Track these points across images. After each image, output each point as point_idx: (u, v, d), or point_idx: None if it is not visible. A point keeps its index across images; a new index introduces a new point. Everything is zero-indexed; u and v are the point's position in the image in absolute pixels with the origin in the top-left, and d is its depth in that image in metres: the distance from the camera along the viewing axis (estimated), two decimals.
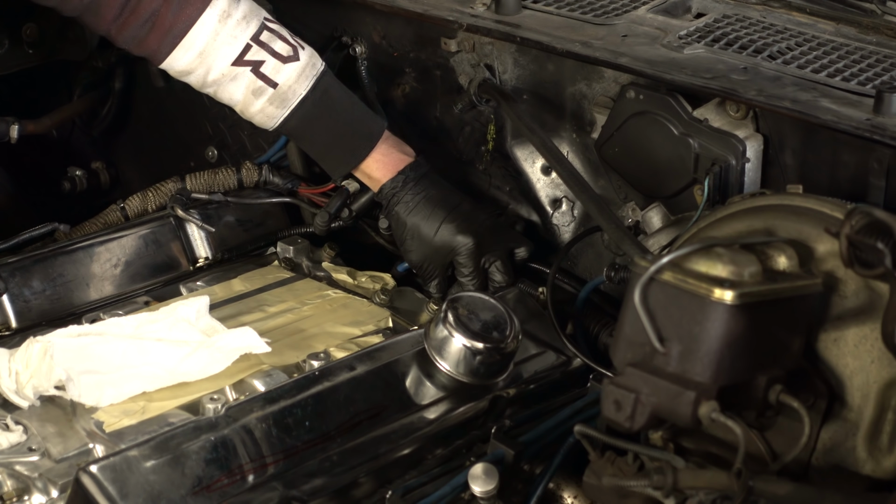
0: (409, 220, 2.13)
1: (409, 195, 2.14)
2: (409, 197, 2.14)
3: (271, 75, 2.07)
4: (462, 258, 2.11)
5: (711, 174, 1.84)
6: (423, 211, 2.13)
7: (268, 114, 2.11)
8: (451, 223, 2.11)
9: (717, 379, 1.37)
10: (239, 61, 2.06)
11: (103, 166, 2.91)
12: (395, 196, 2.14)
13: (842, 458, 1.49)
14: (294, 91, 2.08)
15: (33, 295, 2.08)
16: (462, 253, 2.11)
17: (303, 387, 1.76)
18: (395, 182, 2.14)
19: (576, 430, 1.51)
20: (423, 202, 2.13)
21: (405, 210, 2.13)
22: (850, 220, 1.38)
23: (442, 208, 2.13)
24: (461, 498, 1.65)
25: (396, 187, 2.14)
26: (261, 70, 2.06)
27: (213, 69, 2.07)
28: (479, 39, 2.19)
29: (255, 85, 2.08)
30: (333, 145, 2.15)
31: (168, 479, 1.59)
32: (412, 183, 2.14)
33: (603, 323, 2.04)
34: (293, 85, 2.08)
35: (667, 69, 1.88)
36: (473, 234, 2.11)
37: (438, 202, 2.13)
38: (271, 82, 2.07)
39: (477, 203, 2.20)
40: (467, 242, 2.10)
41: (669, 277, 1.38)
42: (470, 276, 2.11)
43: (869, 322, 1.48)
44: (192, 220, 2.25)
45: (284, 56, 2.07)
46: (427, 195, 2.13)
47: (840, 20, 2.11)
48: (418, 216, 2.13)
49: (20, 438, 1.75)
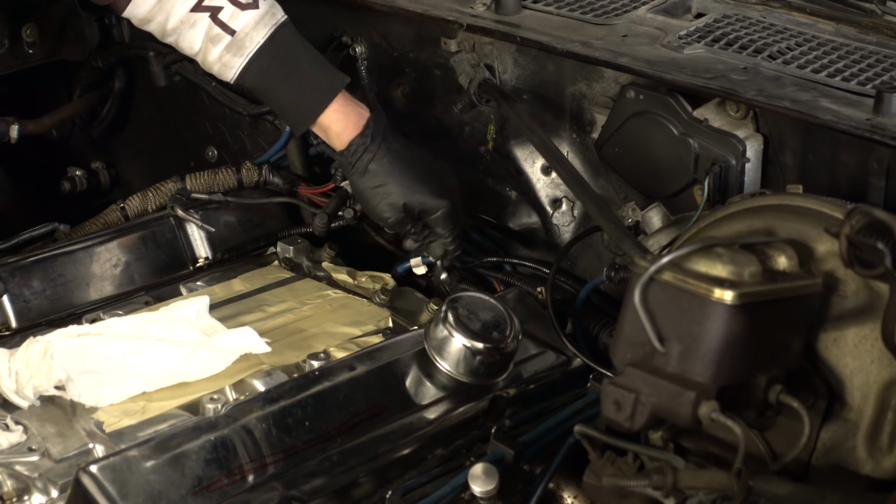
0: (382, 179, 2.07)
1: (382, 151, 2.07)
2: (381, 153, 2.07)
3: (229, 22, 2.02)
4: (439, 220, 2.10)
5: (711, 174, 1.84)
6: (395, 169, 2.08)
7: (225, 62, 2.06)
8: (424, 183, 2.09)
9: (717, 379, 1.37)
10: (197, 7, 2.03)
11: (103, 166, 2.91)
12: (366, 152, 2.07)
13: (842, 458, 1.49)
14: (251, 38, 2.03)
15: (33, 295, 2.08)
16: (439, 216, 2.09)
17: (303, 387, 1.76)
18: (364, 137, 2.07)
19: (576, 430, 1.51)
20: (394, 160, 2.08)
21: (379, 166, 2.07)
22: (850, 220, 1.38)
23: (414, 166, 2.09)
24: (461, 498, 1.65)
25: (366, 143, 2.07)
26: (218, 17, 2.02)
27: (173, 15, 2.05)
28: (479, 39, 2.19)
29: (213, 32, 2.03)
30: (294, 97, 2.09)
31: (168, 479, 1.59)
32: (379, 138, 2.08)
33: (603, 323, 2.04)
34: (251, 32, 2.03)
35: (667, 69, 1.88)
36: (448, 195, 2.10)
37: (409, 160, 2.09)
38: (229, 29, 2.03)
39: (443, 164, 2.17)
40: (443, 205, 2.09)
41: (669, 277, 1.38)
42: (448, 238, 2.12)
43: (869, 322, 1.48)
44: (192, 220, 2.25)
45: (243, 3, 2.03)
46: (397, 152, 2.08)
47: (840, 20, 2.11)
48: (392, 174, 2.07)
49: (20, 438, 1.75)
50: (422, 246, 2.17)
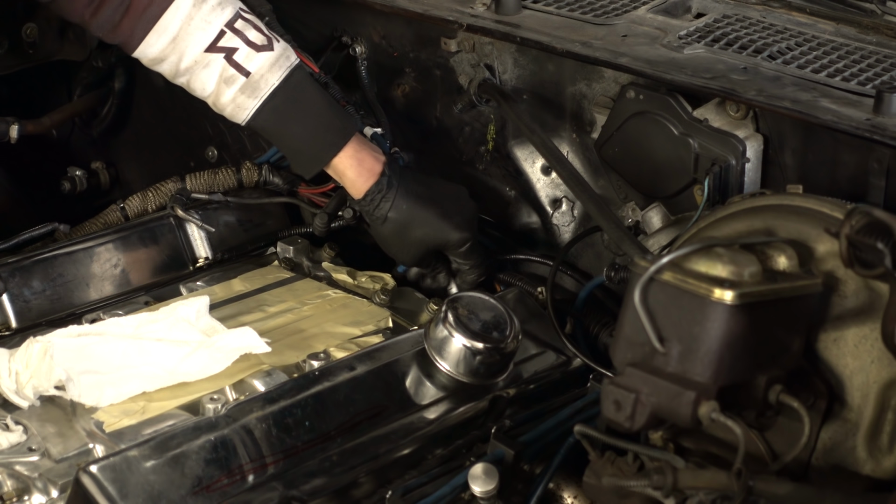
0: (403, 223, 2.09)
1: (399, 198, 2.08)
2: (399, 199, 2.08)
3: (244, 63, 2.02)
4: (465, 254, 2.11)
5: (711, 174, 1.84)
6: (415, 213, 2.08)
7: (239, 104, 2.05)
8: (445, 220, 2.09)
9: (717, 379, 1.37)
10: (212, 48, 2.03)
11: (103, 166, 2.91)
12: (384, 200, 2.08)
13: (842, 458, 1.49)
14: (266, 80, 2.03)
15: (33, 295, 2.08)
16: (462, 249, 2.11)
17: (303, 387, 1.76)
18: (380, 184, 2.08)
19: (576, 430, 1.51)
20: (413, 204, 2.08)
21: (397, 213, 2.08)
22: (850, 220, 1.38)
23: (432, 205, 2.09)
24: (461, 498, 1.65)
25: (382, 190, 2.08)
26: (234, 58, 2.02)
27: (186, 55, 2.04)
28: (479, 39, 2.19)
29: (228, 73, 2.03)
30: (305, 141, 2.08)
31: (168, 479, 1.59)
32: (395, 184, 2.08)
33: (603, 323, 2.04)
34: (266, 74, 2.03)
35: (667, 69, 1.88)
36: (468, 228, 2.10)
37: (428, 199, 2.09)
38: (244, 70, 2.03)
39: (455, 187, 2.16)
40: (466, 238, 2.10)
41: (669, 277, 1.38)
42: (472, 268, 2.13)
43: (869, 322, 1.48)
44: (192, 220, 2.25)
45: (258, 45, 2.03)
46: (415, 195, 2.08)
47: (840, 20, 2.11)
48: (411, 218, 2.08)
49: (20, 438, 1.75)
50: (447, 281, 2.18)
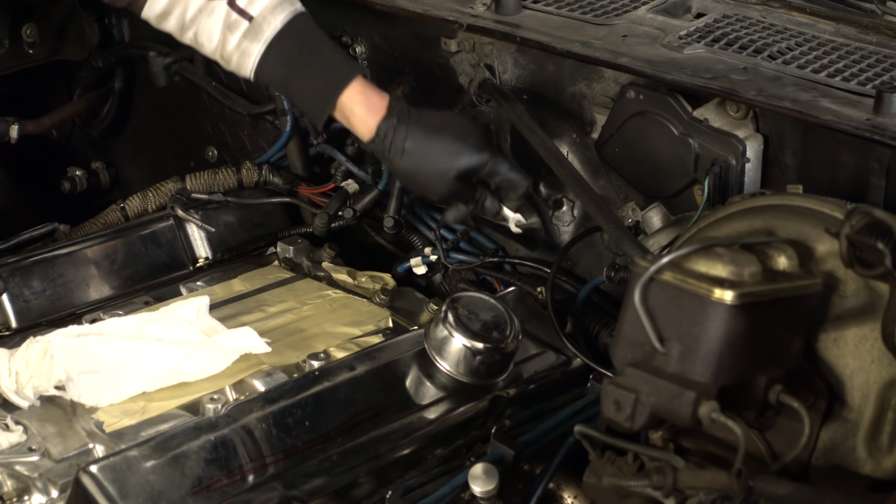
0: (423, 154, 1.99)
1: (413, 127, 1.99)
2: (413, 130, 1.99)
3: (246, 7, 2.01)
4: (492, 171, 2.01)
5: (711, 174, 1.84)
6: (432, 140, 1.99)
7: (244, 49, 2.01)
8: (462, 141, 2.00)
9: (717, 379, 1.37)
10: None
11: (103, 166, 2.92)
12: (397, 133, 1.99)
13: (842, 458, 1.49)
14: (269, 22, 2.01)
15: (33, 295, 2.08)
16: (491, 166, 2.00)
17: (303, 387, 1.76)
18: (391, 119, 1.98)
19: (576, 430, 1.51)
20: (428, 132, 1.99)
21: (414, 144, 1.98)
22: (850, 220, 1.38)
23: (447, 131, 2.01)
24: (461, 498, 1.65)
25: (394, 123, 1.98)
26: (236, 3, 2.01)
27: (191, 5, 2.03)
28: (479, 39, 2.19)
29: (231, 18, 2.01)
30: (314, 82, 2.04)
31: (168, 479, 1.59)
32: (405, 115, 2.01)
33: (603, 323, 2.04)
34: (268, 16, 2.01)
35: (667, 69, 1.88)
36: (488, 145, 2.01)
37: (441, 126, 2.01)
38: (246, 14, 2.00)
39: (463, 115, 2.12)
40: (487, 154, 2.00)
41: (669, 277, 1.38)
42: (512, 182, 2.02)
43: (869, 322, 1.48)
44: (192, 220, 2.25)
45: None
46: (428, 123, 2.00)
47: (840, 20, 2.11)
48: (430, 147, 2.00)
49: (20, 438, 1.75)
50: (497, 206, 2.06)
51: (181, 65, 2.55)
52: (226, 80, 2.63)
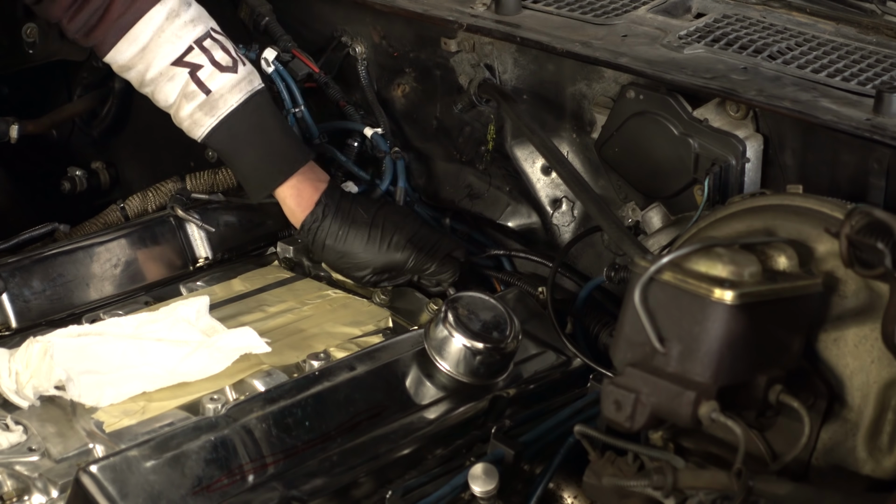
0: (342, 251, 2.11)
1: (335, 225, 2.11)
2: (334, 227, 2.11)
3: (206, 81, 2.07)
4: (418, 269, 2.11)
5: (711, 174, 1.84)
6: (352, 239, 2.10)
7: (196, 120, 2.09)
8: (383, 242, 2.10)
9: (717, 379, 1.37)
10: (178, 62, 2.08)
11: (103, 166, 2.91)
12: (319, 229, 2.11)
13: (842, 458, 1.49)
14: (225, 100, 2.08)
15: (33, 295, 2.08)
16: (411, 267, 2.11)
17: (303, 387, 1.76)
18: (315, 214, 2.11)
19: (576, 430, 1.51)
20: (350, 230, 2.11)
21: (335, 241, 2.11)
22: (850, 220, 1.38)
23: (371, 229, 2.10)
24: (461, 498, 1.65)
25: (318, 219, 2.11)
26: (197, 74, 2.08)
27: (153, 66, 2.09)
28: (479, 39, 2.19)
29: (189, 88, 2.08)
30: (255, 167, 2.13)
31: (168, 479, 1.59)
32: (332, 212, 2.11)
33: (603, 323, 2.04)
34: (226, 95, 2.08)
35: (667, 69, 1.88)
36: (411, 245, 2.10)
37: (364, 223, 2.11)
38: (205, 88, 2.07)
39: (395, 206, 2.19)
40: (406, 257, 2.09)
41: (669, 277, 1.38)
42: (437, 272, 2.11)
43: (869, 322, 1.48)
44: (192, 220, 2.25)
45: (223, 65, 2.08)
46: (351, 222, 2.11)
47: (840, 20, 2.11)
48: (350, 244, 2.10)
49: (20, 438, 1.75)
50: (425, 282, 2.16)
51: None
52: None
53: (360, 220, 2.11)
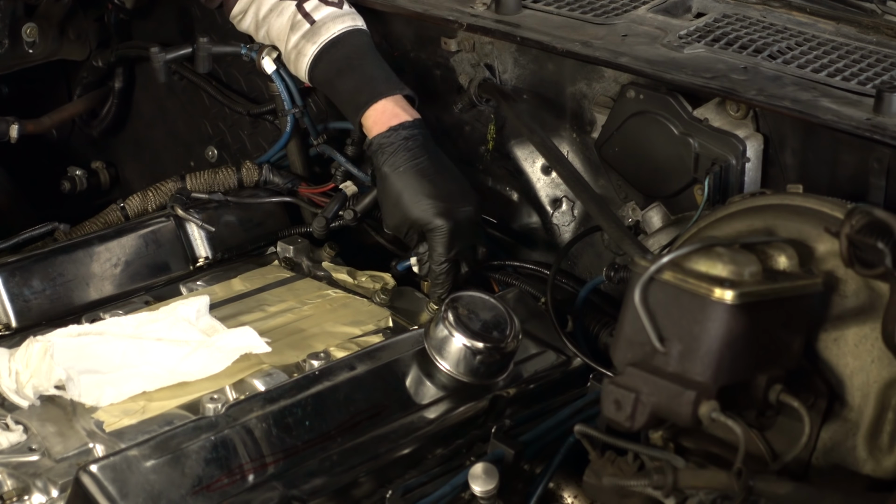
0: (393, 183, 2.09)
1: (398, 157, 2.09)
2: (397, 159, 2.09)
3: (311, 12, 2.21)
4: (436, 239, 2.07)
5: (711, 174, 1.84)
6: (408, 178, 2.08)
7: (300, 49, 2.21)
8: (433, 200, 2.06)
9: (717, 378, 1.37)
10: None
11: (103, 166, 2.92)
12: (381, 152, 2.10)
13: (842, 457, 1.49)
14: (328, 28, 2.19)
15: (33, 295, 2.08)
16: (436, 235, 2.07)
17: (303, 386, 1.76)
18: (384, 137, 2.10)
19: (576, 430, 1.51)
20: (411, 169, 2.08)
21: (391, 170, 2.09)
22: (850, 220, 1.38)
23: (429, 182, 2.08)
24: (461, 498, 1.65)
25: (384, 143, 2.10)
26: (303, 6, 2.22)
27: (264, 4, 2.26)
28: (480, 39, 2.19)
29: (296, 19, 2.22)
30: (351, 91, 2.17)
31: (168, 478, 1.59)
32: (402, 143, 2.09)
33: (603, 322, 2.04)
34: (328, 23, 2.19)
35: (667, 69, 1.88)
36: (452, 218, 2.06)
37: (426, 174, 2.08)
38: (310, 18, 2.21)
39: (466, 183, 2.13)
40: (443, 226, 2.06)
41: (669, 277, 1.38)
42: (437, 260, 2.08)
43: (869, 322, 1.48)
44: (192, 219, 2.25)
45: (328, 0, 2.22)
46: (417, 163, 2.09)
47: (840, 20, 2.11)
48: (402, 182, 2.08)
49: (20, 438, 1.75)
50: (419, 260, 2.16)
51: (181, 65, 2.55)
52: (226, 79, 2.63)
53: (426, 167, 2.09)
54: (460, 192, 2.10)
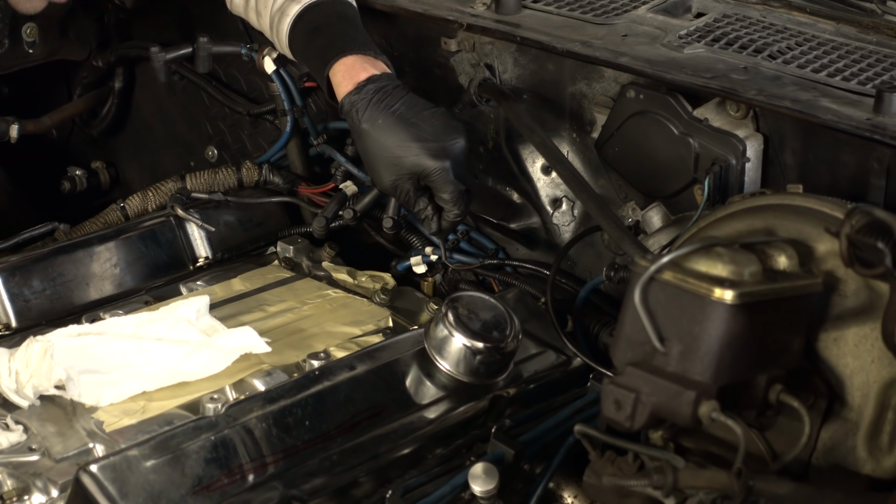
0: (376, 138, 1.99)
1: (373, 111, 1.99)
2: (372, 113, 1.99)
3: None
4: (438, 183, 1.99)
5: (711, 174, 1.84)
6: (390, 128, 1.98)
7: (284, 10, 2.13)
8: (422, 143, 1.98)
9: (717, 378, 1.37)
10: None
11: (103, 166, 2.92)
12: (354, 111, 2.00)
13: (842, 457, 1.49)
14: None
15: (33, 294, 2.08)
16: (437, 177, 1.98)
17: (303, 386, 1.76)
18: (354, 95, 2.01)
19: (576, 430, 1.51)
20: (389, 118, 1.99)
21: (370, 125, 1.99)
22: (850, 220, 1.38)
23: (412, 126, 1.99)
24: (461, 498, 1.65)
25: (355, 101, 2.00)
26: None
27: None
28: (480, 39, 2.19)
29: None
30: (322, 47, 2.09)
31: (168, 478, 1.59)
32: (375, 97, 2.00)
33: (603, 322, 2.04)
34: None
35: (667, 69, 1.88)
36: (447, 156, 1.98)
37: (406, 119, 1.99)
38: None
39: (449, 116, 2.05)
40: (440, 166, 1.97)
41: (669, 277, 1.38)
42: (451, 201, 2.00)
43: (869, 322, 1.48)
44: (192, 219, 2.25)
45: None
46: (393, 110, 1.99)
47: (840, 20, 2.11)
48: (385, 134, 1.98)
49: (20, 438, 1.75)
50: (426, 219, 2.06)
51: (181, 64, 2.55)
52: (226, 79, 2.63)
53: (405, 112, 2.00)
54: (446, 127, 2.01)
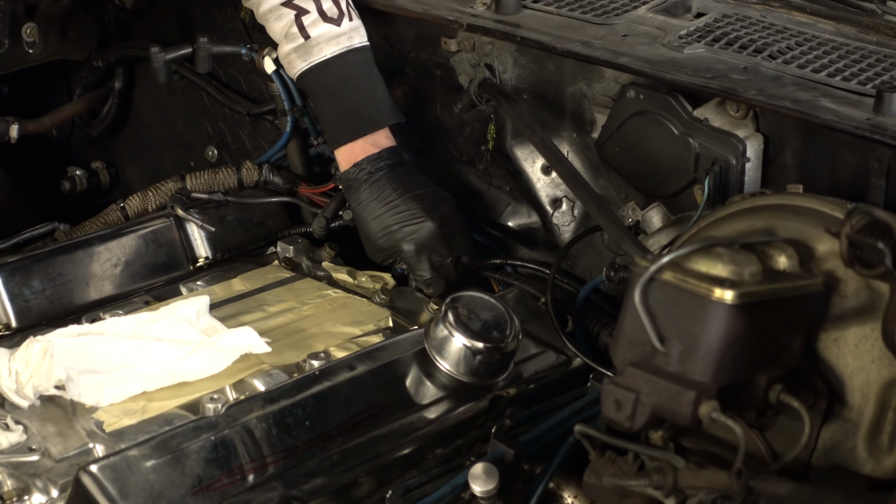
0: (361, 217, 2.14)
1: (362, 192, 2.13)
2: (360, 194, 2.13)
3: (308, 27, 2.15)
4: (409, 263, 2.12)
5: (711, 174, 1.84)
6: (371, 210, 2.12)
7: (290, 61, 2.18)
8: (394, 228, 2.10)
9: (717, 379, 1.37)
10: (287, 3, 2.17)
11: (103, 166, 2.92)
12: (349, 188, 2.15)
13: (842, 457, 1.49)
14: (321, 49, 2.14)
15: (33, 294, 2.08)
16: (407, 259, 2.11)
17: (303, 386, 1.76)
18: (349, 174, 2.14)
19: (576, 430, 1.51)
20: (374, 202, 2.12)
21: (356, 205, 2.14)
22: (850, 220, 1.38)
23: (390, 209, 2.11)
24: (461, 498, 1.65)
25: (350, 179, 2.14)
26: (301, 18, 2.15)
27: (265, 3, 2.19)
28: (480, 39, 2.19)
29: (291, 30, 2.16)
30: (331, 120, 2.18)
31: (168, 478, 1.59)
32: (366, 178, 2.12)
33: (603, 322, 2.04)
34: (322, 44, 2.14)
35: (667, 69, 1.88)
36: (414, 241, 2.10)
37: (387, 201, 2.11)
38: (305, 33, 2.15)
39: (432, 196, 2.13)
40: (409, 250, 2.10)
41: (670, 277, 1.38)
42: (425, 283, 2.13)
43: (869, 322, 1.48)
44: (192, 219, 2.25)
45: (328, 15, 2.15)
46: (379, 195, 2.12)
47: (840, 20, 2.11)
48: (368, 215, 2.13)
49: (20, 438, 1.75)
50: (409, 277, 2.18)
51: (181, 64, 2.55)
52: (226, 79, 2.63)
53: (388, 197, 2.12)
54: (424, 209, 2.11)
